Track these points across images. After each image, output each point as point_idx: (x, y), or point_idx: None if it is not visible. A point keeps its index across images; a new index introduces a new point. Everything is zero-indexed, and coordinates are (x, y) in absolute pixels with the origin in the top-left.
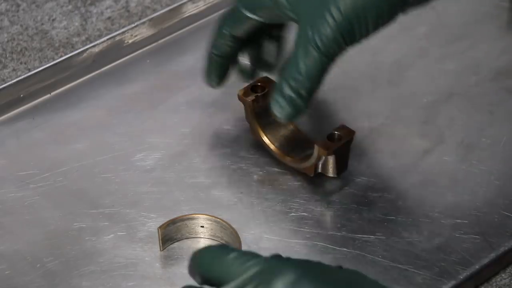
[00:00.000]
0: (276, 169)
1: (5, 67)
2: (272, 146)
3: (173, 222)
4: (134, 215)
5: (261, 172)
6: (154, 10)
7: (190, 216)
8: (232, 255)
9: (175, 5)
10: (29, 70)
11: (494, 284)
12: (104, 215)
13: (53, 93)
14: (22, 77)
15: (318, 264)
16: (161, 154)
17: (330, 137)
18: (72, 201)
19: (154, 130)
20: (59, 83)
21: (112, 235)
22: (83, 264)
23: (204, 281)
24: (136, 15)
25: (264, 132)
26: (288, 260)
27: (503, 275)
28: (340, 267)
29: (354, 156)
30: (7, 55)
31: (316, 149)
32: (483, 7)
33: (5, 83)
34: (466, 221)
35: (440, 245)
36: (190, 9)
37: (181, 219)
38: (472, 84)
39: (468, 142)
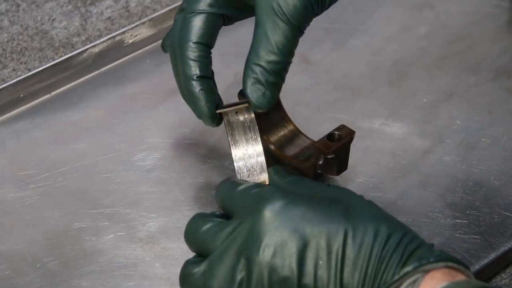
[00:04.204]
0: None
1: (5, 67)
2: (272, 146)
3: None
4: (134, 215)
5: None
6: (154, 10)
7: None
8: (242, 187)
9: (175, 5)
10: (29, 70)
11: (494, 284)
12: (104, 215)
13: (53, 93)
14: (22, 77)
15: (308, 186)
16: (161, 154)
17: (330, 137)
18: (72, 201)
19: (154, 130)
20: (59, 83)
21: (112, 235)
22: (83, 264)
23: (223, 210)
24: (136, 15)
25: (264, 132)
26: (284, 183)
27: (503, 275)
28: (328, 185)
29: (354, 156)
30: (7, 55)
31: (316, 149)
32: (483, 7)
33: (5, 83)
34: (466, 221)
35: (440, 245)
36: None
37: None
38: (472, 84)
39: (468, 142)
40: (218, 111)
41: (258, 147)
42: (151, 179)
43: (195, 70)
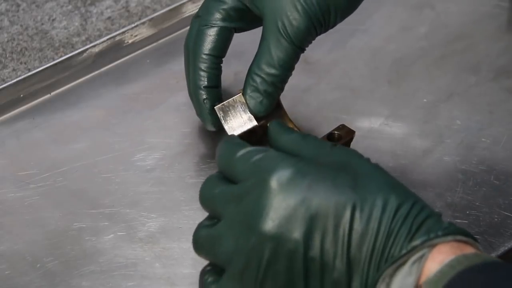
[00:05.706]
0: None
1: (5, 67)
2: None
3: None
4: (134, 215)
5: None
6: (154, 10)
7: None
8: (241, 152)
9: (175, 5)
10: (29, 70)
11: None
12: (104, 215)
13: (53, 93)
14: (22, 77)
15: (313, 146)
16: (161, 154)
17: (330, 137)
18: (72, 201)
19: (154, 130)
20: (59, 83)
21: (112, 235)
22: (83, 264)
23: (222, 173)
24: (136, 15)
25: (264, 132)
26: (287, 142)
27: None
28: (334, 145)
29: None
30: (7, 55)
31: None
32: (483, 7)
33: (5, 83)
34: (466, 221)
35: None
36: (190, 9)
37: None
38: (472, 84)
39: (468, 142)
40: (215, 107)
41: (249, 115)
42: (151, 179)
43: (203, 80)
